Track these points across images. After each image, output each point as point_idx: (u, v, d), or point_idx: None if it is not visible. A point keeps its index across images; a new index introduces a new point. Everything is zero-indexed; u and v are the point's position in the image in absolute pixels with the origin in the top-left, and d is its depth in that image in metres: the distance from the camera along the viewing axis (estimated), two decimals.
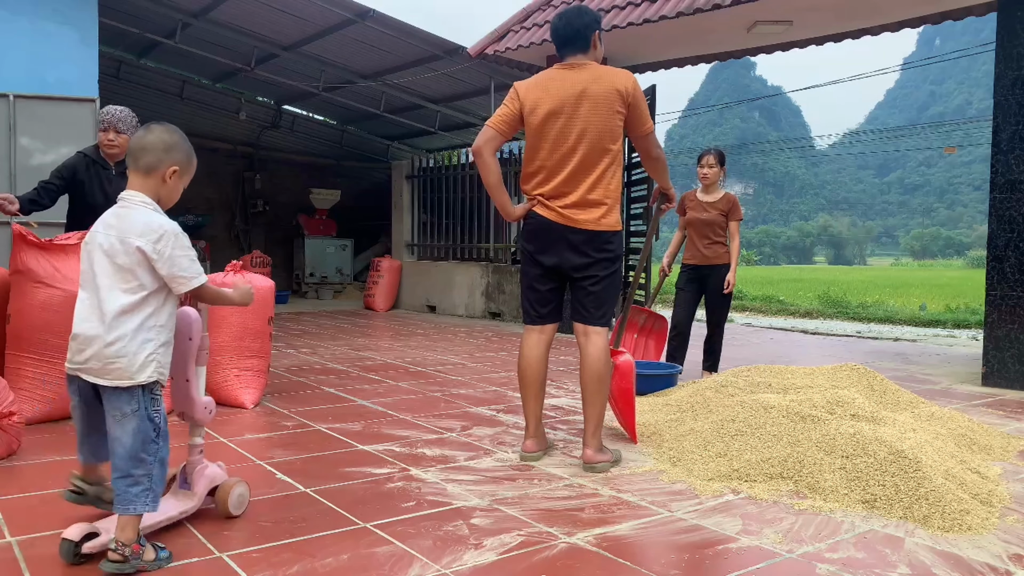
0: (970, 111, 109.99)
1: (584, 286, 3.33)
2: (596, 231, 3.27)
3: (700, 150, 5.92)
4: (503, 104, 3.36)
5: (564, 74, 3.30)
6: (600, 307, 3.33)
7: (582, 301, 3.34)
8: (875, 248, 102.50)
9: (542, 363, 3.43)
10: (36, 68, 6.79)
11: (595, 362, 3.30)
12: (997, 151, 5.60)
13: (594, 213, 3.27)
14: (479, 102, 11.70)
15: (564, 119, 3.24)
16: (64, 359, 2.28)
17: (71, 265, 3.97)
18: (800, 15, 6.82)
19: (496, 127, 3.32)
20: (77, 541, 2.18)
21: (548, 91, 3.27)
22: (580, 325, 3.36)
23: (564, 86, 3.26)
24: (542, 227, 3.33)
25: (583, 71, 3.28)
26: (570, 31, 3.32)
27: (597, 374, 3.30)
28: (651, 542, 2.49)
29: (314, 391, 5.02)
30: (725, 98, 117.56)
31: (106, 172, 4.37)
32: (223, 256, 12.15)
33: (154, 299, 2.23)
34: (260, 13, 9.25)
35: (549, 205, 3.30)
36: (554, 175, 3.28)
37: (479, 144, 3.32)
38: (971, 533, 2.56)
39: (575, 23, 3.33)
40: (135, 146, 2.32)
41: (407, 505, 2.78)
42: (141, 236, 2.20)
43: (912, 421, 3.66)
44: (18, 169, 6.60)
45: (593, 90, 3.22)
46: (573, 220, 3.27)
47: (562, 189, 3.28)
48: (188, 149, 2.40)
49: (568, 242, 3.29)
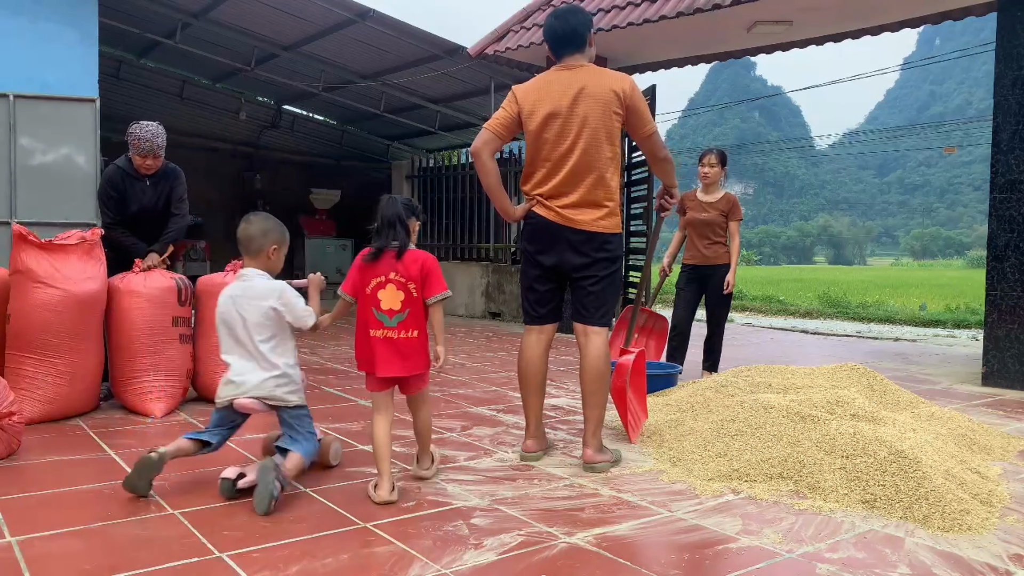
0: (970, 111, 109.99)
1: (584, 286, 3.33)
2: (595, 232, 3.28)
3: (700, 150, 5.92)
4: (501, 107, 3.37)
5: (562, 75, 3.30)
6: (600, 307, 3.34)
7: (582, 301, 3.35)
8: (875, 248, 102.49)
9: (542, 362, 3.43)
10: (36, 68, 6.79)
11: (595, 362, 3.30)
12: (997, 151, 5.59)
13: (593, 214, 3.28)
14: (479, 102, 11.70)
15: (562, 120, 3.24)
16: (64, 359, 2.30)
17: (71, 265, 3.97)
18: (800, 15, 6.82)
19: (494, 130, 3.33)
20: (234, 479, 2.82)
21: (546, 93, 3.28)
22: (580, 325, 3.36)
23: (562, 87, 3.26)
24: (542, 227, 3.33)
25: (580, 72, 3.28)
26: (567, 29, 3.32)
27: (597, 374, 3.30)
28: (651, 542, 2.49)
29: (314, 391, 5.02)
30: (725, 98, 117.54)
31: (140, 184, 4.62)
32: (223, 256, 12.13)
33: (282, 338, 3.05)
34: (260, 13, 9.25)
35: (548, 205, 3.31)
36: (552, 175, 3.29)
37: (477, 146, 3.32)
38: (971, 533, 2.56)
39: (571, 21, 3.33)
40: (243, 237, 3.02)
41: (407, 505, 2.78)
42: (267, 299, 2.96)
43: (912, 421, 3.66)
44: (18, 169, 6.60)
45: (590, 90, 3.23)
46: (572, 220, 3.27)
47: (561, 189, 3.28)
48: (281, 228, 3.10)
49: (568, 242, 3.30)
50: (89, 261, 4.06)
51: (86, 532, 2.48)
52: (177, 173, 4.81)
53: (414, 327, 2.90)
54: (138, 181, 4.61)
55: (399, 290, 2.89)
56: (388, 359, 2.87)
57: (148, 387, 4.18)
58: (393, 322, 2.88)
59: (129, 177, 4.59)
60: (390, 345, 2.88)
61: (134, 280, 4.23)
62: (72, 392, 3.99)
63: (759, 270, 41.88)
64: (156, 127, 4.56)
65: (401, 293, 2.89)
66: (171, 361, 4.25)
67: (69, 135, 6.78)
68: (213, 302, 4.50)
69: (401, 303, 2.89)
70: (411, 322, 2.90)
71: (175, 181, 4.77)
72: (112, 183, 4.58)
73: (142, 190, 4.62)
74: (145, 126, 4.52)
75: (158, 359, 4.20)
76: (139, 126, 4.52)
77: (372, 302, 2.90)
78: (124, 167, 4.59)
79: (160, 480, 3.00)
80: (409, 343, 2.89)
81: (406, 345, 2.88)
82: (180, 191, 4.80)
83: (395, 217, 2.93)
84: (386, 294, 2.89)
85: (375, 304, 2.89)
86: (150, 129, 4.52)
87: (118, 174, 4.59)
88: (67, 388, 3.96)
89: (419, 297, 2.91)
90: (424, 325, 2.94)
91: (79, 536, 2.45)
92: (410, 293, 2.90)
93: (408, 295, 2.90)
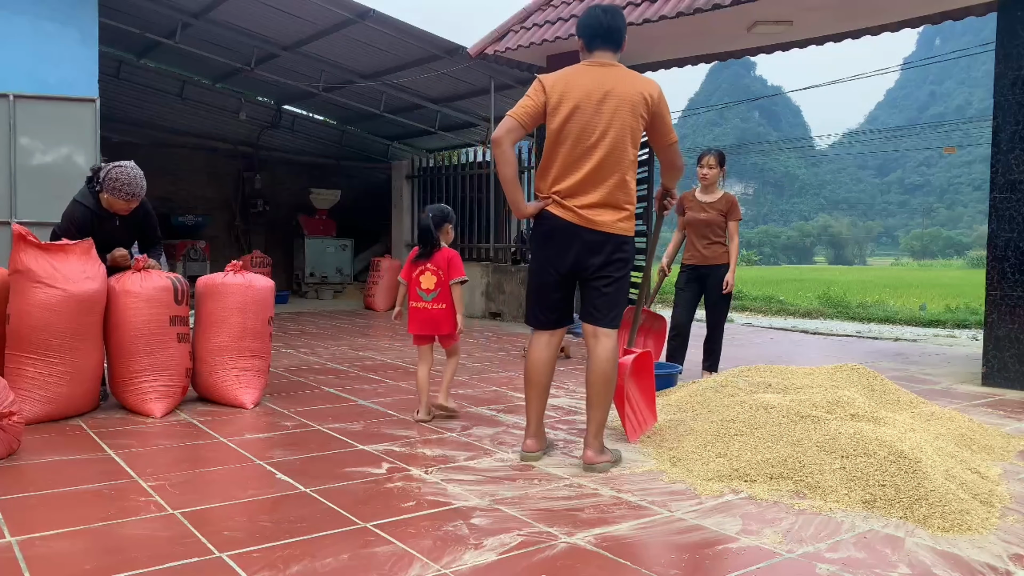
0: (970, 111, 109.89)
1: (598, 287, 3.28)
2: (612, 234, 3.23)
3: (700, 150, 5.91)
4: (527, 96, 3.27)
5: (592, 70, 3.25)
6: (611, 308, 3.29)
7: (594, 302, 3.30)
8: (875, 248, 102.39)
9: (550, 366, 3.42)
10: (36, 68, 6.79)
11: (603, 364, 3.27)
12: (997, 151, 5.59)
13: (613, 215, 3.23)
14: (479, 102, 11.70)
15: (588, 115, 3.18)
16: (63, 359, 2.29)
17: (71, 265, 3.97)
18: (800, 15, 6.82)
19: (519, 118, 3.23)
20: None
21: (575, 86, 3.21)
22: (590, 326, 3.31)
23: (591, 82, 3.20)
24: (556, 229, 3.26)
25: (612, 70, 3.24)
26: (614, 25, 3.26)
27: (604, 376, 3.27)
28: (651, 542, 2.49)
29: (314, 391, 5.02)
30: (725, 98, 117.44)
31: (110, 223, 4.35)
32: (223, 256, 12.15)
33: None
34: (260, 13, 9.25)
35: (566, 204, 3.24)
36: (572, 172, 3.22)
37: (499, 134, 3.21)
38: (971, 533, 2.56)
39: (618, 20, 3.28)
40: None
41: (407, 505, 2.78)
42: None
43: (912, 421, 3.66)
44: (18, 169, 6.60)
45: (620, 90, 3.18)
46: (591, 221, 3.21)
47: (581, 188, 3.21)
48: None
49: (584, 242, 3.23)
50: (88, 261, 4.06)
51: (86, 532, 2.48)
52: (146, 207, 4.50)
53: (443, 301, 4.16)
54: (107, 220, 4.34)
55: (433, 275, 4.16)
56: (425, 323, 4.19)
57: (147, 387, 4.18)
58: (429, 298, 4.16)
59: (98, 217, 4.30)
60: (427, 313, 4.18)
61: (130, 280, 4.23)
62: (72, 392, 3.99)
63: (759, 270, 41.86)
64: (137, 169, 4.30)
65: (434, 277, 4.16)
66: (170, 360, 4.25)
67: (69, 135, 6.79)
68: (213, 302, 4.55)
69: (434, 284, 4.15)
70: (441, 298, 4.16)
71: (146, 216, 4.51)
72: (78, 224, 4.24)
73: (111, 230, 4.36)
74: (128, 169, 4.24)
75: (156, 359, 4.20)
76: (121, 170, 4.21)
77: (416, 284, 4.19)
78: (93, 208, 4.27)
79: (160, 480, 3.01)
80: (440, 312, 4.16)
81: (438, 313, 4.17)
82: (152, 222, 4.58)
83: (427, 228, 4.19)
84: (425, 278, 4.17)
85: (418, 285, 4.19)
86: (134, 173, 4.25)
87: (87, 215, 4.25)
88: (67, 388, 3.96)
89: (446, 280, 4.14)
90: (451, 300, 4.15)
91: (79, 536, 2.45)
92: (440, 277, 4.15)
93: (439, 279, 4.15)
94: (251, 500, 2.78)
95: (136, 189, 4.25)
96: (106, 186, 4.22)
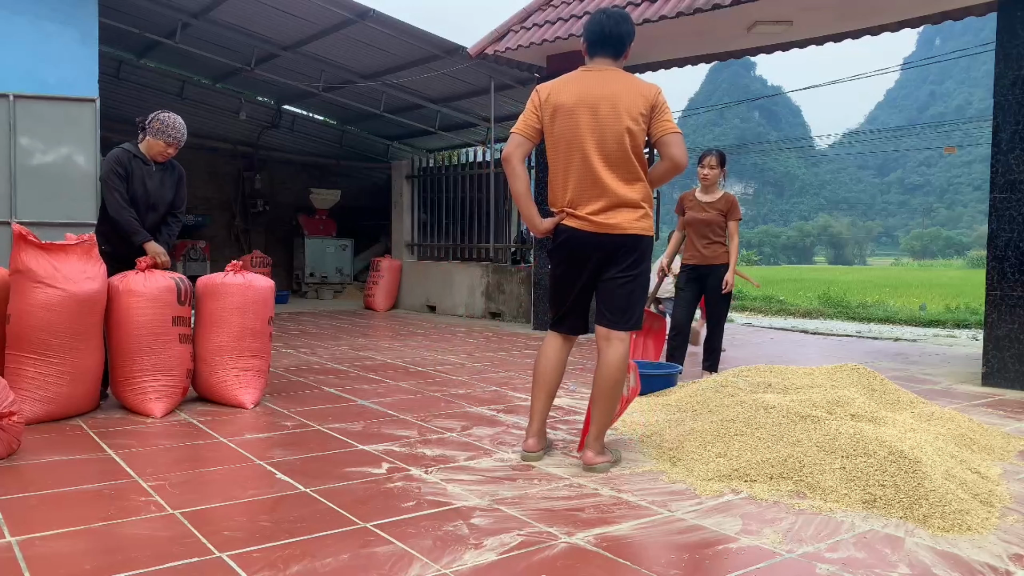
0: (970, 111, 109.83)
1: (612, 287, 3.27)
2: (628, 234, 3.21)
3: (700, 150, 5.92)
4: (526, 110, 3.32)
5: (586, 76, 3.26)
6: (628, 309, 3.27)
7: (610, 303, 3.27)
8: (875, 248, 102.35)
9: (560, 368, 3.43)
10: (36, 68, 6.79)
11: (613, 369, 3.25)
12: (997, 151, 5.59)
13: (628, 215, 3.21)
14: (479, 102, 11.70)
15: (583, 121, 3.19)
16: (64, 359, 2.29)
17: (71, 265, 3.97)
18: (800, 15, 6.82)
19: (523, 133, 3.28)
20: None
21: (570, 90, 3.23)
22: (604, 329, 3.29)
23: (585, 88, 3.22)
24: (573, 240, 3.25)
25: (606, 74, 3.24)
26: (617, 32, 3.26)
27: (612, 380, 3.26)
28: (651, 542, 2.49)
29: (314, 391, 5.02)
30: (725, 98, 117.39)
31: (147, 168, 4.59)
32: (223, 256, 12.15)
33: None
34: (260, 13, 9.25)
35: (578, 214, 3.23)
36: (574, 180, 3.22)
37: (508, 152, 3.27)
38: (971, 533, 2.56)
39: (623, 26, 3.27)
40: None
41: (407, 505, 2.78)
42: None
43: (912, 421, 3.66)
44: (18, 169, 6.60)
45: (614, 94, 3.18)
46: (605, 225, 3.20)
47: (585, 195, 3.21)
48: None
49: (601, 248, 3.22)
50: (89, 261, 4.06)
51: (86, 532, 2.48)
52: (182, 172, 4.83)
53: None
54: (145, 165, 4.59)
55: None
56: None
57: (148, 387, 4.18)
58: None
59: (137, 159, 4.57)
60: None
61: (134, 280, 4.23)
62: (72, 392, 3.99)
63: (759, 270, 41.83)
64: (181, 120, 4.63)
65: None
66: (171, 361, 4.25)
67: (69, 135, 6.78)
68: (213, 302, 4.55)
69: None
70: None
71: (180, 180, 4.79)
72: (120, 162, 4.51)
73: (148, 174, 4.59)
74: (173, 116, 4.57)
75: (158, 359, 4.20)
76: (168, 115, 4.56)
77: None
78: (132, 150, 4.57)
79: (160, 479, 3.01)
80: None
81: None
82: (183, 193, 4.83)
83: None
84: None
85: None
86: (178, 120, 4.58)
87: (126, 155, 4.53)
88: (67, 388, 3.96)
89: None
90: None
91: (79, 536, 2.45)
92: None
93: None
94: (251, 500, 2.78)
95: (176, 134, 4.55)
96: (150, 129, 4.52)
